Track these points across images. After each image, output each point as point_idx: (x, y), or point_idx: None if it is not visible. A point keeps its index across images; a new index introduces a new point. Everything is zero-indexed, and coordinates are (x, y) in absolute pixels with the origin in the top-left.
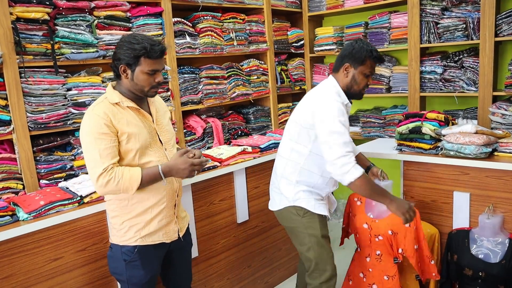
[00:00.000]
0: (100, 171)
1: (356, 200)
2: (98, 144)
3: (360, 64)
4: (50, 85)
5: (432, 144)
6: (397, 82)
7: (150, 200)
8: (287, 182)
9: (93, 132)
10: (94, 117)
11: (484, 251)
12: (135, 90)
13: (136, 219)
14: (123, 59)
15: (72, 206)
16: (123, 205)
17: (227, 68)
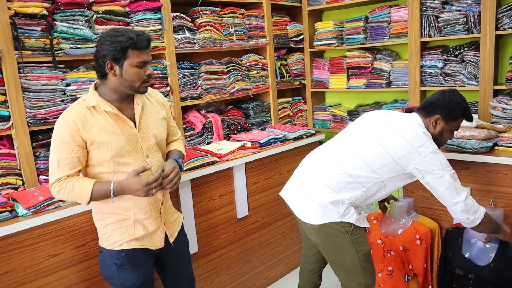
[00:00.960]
0: (53, 180)
1: (373, 219)
2: (59, 152)
3: (452, 120)
4: (49, 80)
5: None
6: (397, 76)
7: (132, 209)
8: (338, 198)
9: (57, 138)
10: (62, 123)
11: (475, 252)
12: (125, 88)
13: (118, 224)
14: (109, 54)
15: (71, 202)
16: (105, 210)
17: (227, 63)
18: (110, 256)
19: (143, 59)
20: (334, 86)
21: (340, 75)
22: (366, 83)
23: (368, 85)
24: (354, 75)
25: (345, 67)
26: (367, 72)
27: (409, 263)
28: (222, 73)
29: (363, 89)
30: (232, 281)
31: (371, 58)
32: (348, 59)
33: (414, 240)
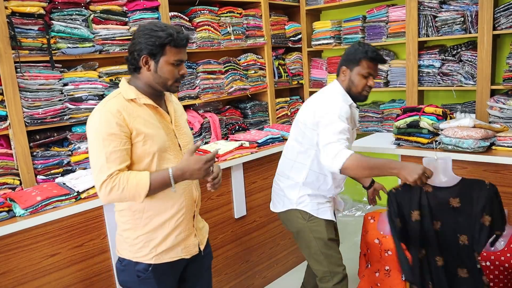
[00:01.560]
0: (104, 177)
1: (370, 219)
2: (105, 146)
3: (355, 65)
4: (46, 80)
5: (430, 138)
6: (395, 76)
7: (168, 211)
8: (292, 184)
9: (101, 132)
10: (105, 114)
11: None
12: (157, 84)
13: (152, 234)
14: (146, 48)
15: (69, 202)
16: (137, 217)
17: (224, 63)
18: (134, 269)
19: (179, 58)
20: None
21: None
22: None
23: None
24: None
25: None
26: None
27: None
28: (220, 72)
29: None
30: (230, 280)
31: None
32: None
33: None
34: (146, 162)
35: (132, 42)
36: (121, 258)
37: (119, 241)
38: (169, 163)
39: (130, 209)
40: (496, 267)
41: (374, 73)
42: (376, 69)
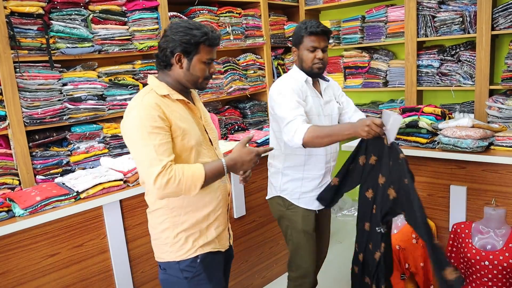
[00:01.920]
0: (159, 169)
1: None
2: (152, 139)
3: (300, 43)
4: (46, 80)
5: (429, 138)
6: (394, 76)
7: (207, 206)
8: (275, 171)
9: (145, 125)
10: (145, 108)
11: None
12: (187, 82)
13: (192, 229)
14: (180, 46)
15: (69, 202)
16: (175, 214)
17: (224, 63)
18: (180, 270)
19: (211, 56)
20: None
21: (337, 75)
22: (363, 82)
23: (365, 84)
24: (351, 74)
25: (342, 67)
26: (364, 72)
27: (406, 262)
28: (219, 72)
29: (360, 88)
30: (230, 280)
31: (368, 57)
32: (345, 59)
33: (410, 239)
34: (184, 157)
35: (165, 39)
36: (162, 266)
37: (157, 244)
38: (205, 158)
39: (168, 206)
40: (495, 267)
41: (320, 45)
42: (320, 41)
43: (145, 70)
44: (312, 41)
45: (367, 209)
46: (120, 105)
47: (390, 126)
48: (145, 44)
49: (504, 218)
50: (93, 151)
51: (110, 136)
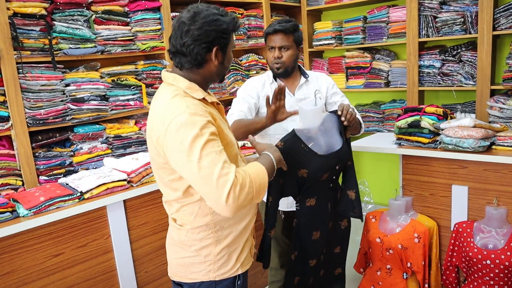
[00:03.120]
0: (232, 177)
1: (371, 218)
2: (213, 147)
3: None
4: (48, 80)
5: (430, 138)
6: (395, 76)
7: (248, 215)
8: None
9: (204, 133)
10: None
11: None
12: (216, 76)
13: (234, 244)
14: (216, 39)
15: (72, 202)
16: (218, 228)
17: None
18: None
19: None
20: None
21: (339, 75)
22: (364, 83)
23: (366, 85)
24: (353, 75)
25: (344, 67)
26: (366, 72)
27: (408, 261)
28: None
29: (361, 89)
30: None
31: (369, 58)
32: (347, 59)
33: (412, 238)
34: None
35: (192, 33)
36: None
37: (189, 263)
38: (241, 162)
39: (213, 220)
40: (496, 266)
41: (276, 44)
42: (276, 40)
43: (148, 70)
44: (270, 41)
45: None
46: (123, 105)
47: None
48: (147, 45)
49: (505, 217)
50: (96, 151)
51: (113, 136)
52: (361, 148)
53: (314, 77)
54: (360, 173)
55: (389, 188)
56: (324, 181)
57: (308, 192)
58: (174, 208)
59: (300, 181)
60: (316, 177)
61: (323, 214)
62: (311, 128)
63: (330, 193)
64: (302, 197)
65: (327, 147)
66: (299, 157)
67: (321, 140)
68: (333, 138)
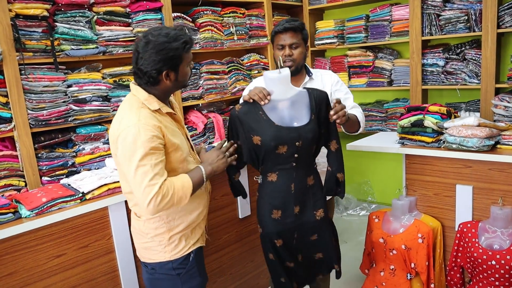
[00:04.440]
0: (155, 190)
1: (374, 218)
2: (149, 160)
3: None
4: (51, 81)
5: (434, 137)
6: (398, 75)
7: (198, 208)
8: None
9: (144, 147)
10: (144, 129)
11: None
12: (176, 89)
13: (185, 231)
14: (166, 64)
15: (74, 203)
16: (170, 219)
17: (228, 63)
18: (173, 269)
19: (191, 58)
20: None
21: (341, 74)
22: (367, 82)
23: (369, 84)
24: (356, 74)
25: (346, 66)
26: (369, 71)
27: (411, 262)
28: (223, 73)
29: (364, 88)
30: (235, 280)
31: (372, 57)
32: (349, 58)
33: (416, 238)
34: (178, 169)
35: (143, 61)
36: (150, 266)
37: (147, 247)
38: (192, 164)
39: (164, 213)
40: (502, 266)
41: (286, 42)
42: (286, 38)
43: None
44: (278, 40)
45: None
46: None
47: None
48: None
49: (511, 217)
50: (98, 152)
51: None
52: (364, 147)
53: (319, 74)
54: (363, 173)
55: (392, 188)
56: (283, 156)
57: (267, 165)
58: (132, 202)
59: (256, 149)
60: (269, 147)
61: (284, 193)
62: (277, 99)
63: (294, 173)
64: (264, 170)
65: (289, 120)
66: (254, 123)
67: (285, 112)
68: (299, 113)
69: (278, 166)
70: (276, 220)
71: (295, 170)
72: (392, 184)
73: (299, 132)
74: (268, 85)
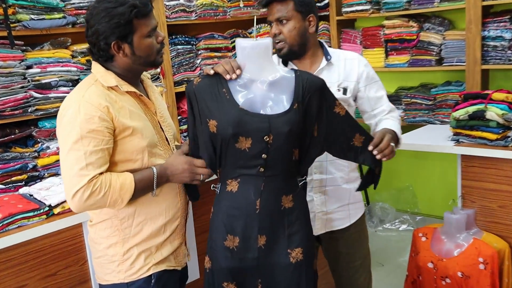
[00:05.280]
0: (84, 182)
1: (421, 236)
2: (84, 145)
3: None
4: (4, 61)
5: (499, 133)
6: (450, 51)
7: (164, 215)
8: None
9: (81, 128)
10: (85, 106)
11: None
12: (139, 65)
13: (145, 244)
14: (112, 33)
15: (39, 219)
16: (125, 226)
17: (232, 37)
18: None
19: (152, 26)
20: None
21: (376, 51)
22: (409, 60)
23: (412, 63)
24: (395, 50)
25: (382, 40)
26: (412, 46)
27: None
28: (226, 49)
29: (406, 68)
30: None
31: (416, 28)
32: (386, 30)
33: (476, 263)
34: (135, 160)
35: (91, 31)
36: (106, 287)
37: (101, 263)
38: (161, 160)
39: (117, 216)
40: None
41: (271, 17)
42: (271, 13)
43: None
44: (268, 15)
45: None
46: None
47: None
48: None
49: None
50: None
51: None
52: (406, 145)
53: (342, 59)
54: (404, 177)
55: (443, 197)
56: (246, 155)
57: (226, 166)
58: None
59: (213, 140)
60: (226, 136)
61: (245, 211)
62: (249, 77)
63: (262, 184)
64: (223, 175)
65: (260, 106)
66: (211, 102)
67: (257, 95)
68: (276, 99)
69: (240, 170)
70: (231, 250)
71: (263, 179)
72: (442, 192)
73: (271, 121)
74: (240, 57)
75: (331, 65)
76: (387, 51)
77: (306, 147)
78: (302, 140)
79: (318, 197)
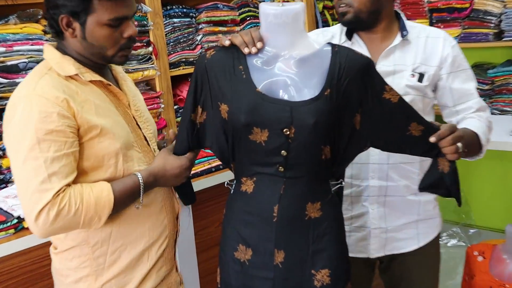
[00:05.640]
0: (47, 199)
1: (477, 255)
2: (43, 152)
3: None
4: None
5: None
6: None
7: (146, 237)
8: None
9: (35, 130)
10: (38, 102)
11: None
12: (91, 55)
13: (124, 276)
14: (63, 5)
15: (5, 234)
16: (98, 254)
17: (240, 7)
18: None
19: (119, 14)
20: None
21: (418, 23)
22: (461, 34)
23: (464, 37)
24: (442, 21)
25: (426, 10)
26: (463, 17)
27: None
28: (233, 22)
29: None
30: None
31: None
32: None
33: None
34: (107, 167)
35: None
36: None
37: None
38: (139, 164)
39: (87, 242)
40: None
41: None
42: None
43: None
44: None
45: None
46: None
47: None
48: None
49: None
50: None
51: None
52: None
53: (423, 36)
54: None
55: (504, 205)
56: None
57: (241, 161)
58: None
59: (225, 128)
60: (238, 125)
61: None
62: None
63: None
64: (237, 171)
65: (283, 89)
66: (225, 82)
67: (282, 76)
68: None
69: (256, 167)
70: (241, 264)
71: (283, 181)
72: (502, 200)
73: (293, 111)
74: (264, 27)
75: (407, 42)
76: (432, 23)
77: (343, 144)
78: (335, 135)
79: (376, 210)
